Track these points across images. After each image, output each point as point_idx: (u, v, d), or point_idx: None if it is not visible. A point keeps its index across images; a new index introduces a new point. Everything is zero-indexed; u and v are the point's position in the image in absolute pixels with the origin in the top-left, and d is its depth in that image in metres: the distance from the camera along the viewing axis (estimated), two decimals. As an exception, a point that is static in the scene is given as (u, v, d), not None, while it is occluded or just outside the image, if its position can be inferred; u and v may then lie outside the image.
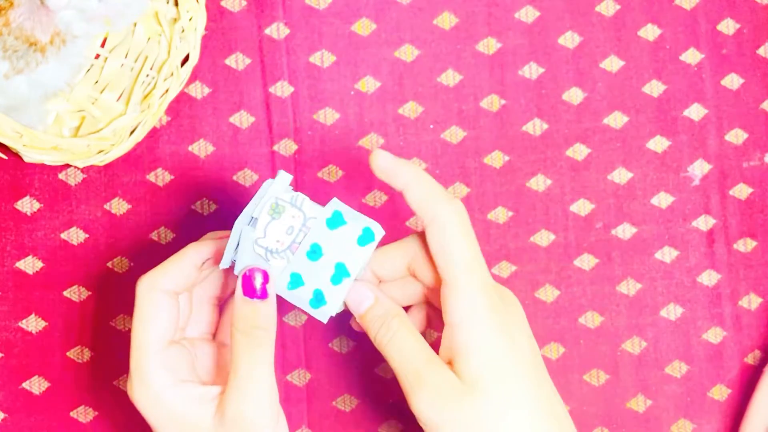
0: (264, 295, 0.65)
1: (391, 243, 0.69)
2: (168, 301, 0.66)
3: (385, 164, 0.67)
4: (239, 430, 0.65)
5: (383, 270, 0.69)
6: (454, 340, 0.65)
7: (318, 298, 0.66)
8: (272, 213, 0.66)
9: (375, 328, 0.67)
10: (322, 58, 0.79)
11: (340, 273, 0.66)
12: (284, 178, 0.67)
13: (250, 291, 0.65)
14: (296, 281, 0.66)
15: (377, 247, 0.67)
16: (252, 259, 0.65)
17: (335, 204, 0.67)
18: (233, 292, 0.69)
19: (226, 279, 0.71)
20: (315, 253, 0.66)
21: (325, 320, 0.67)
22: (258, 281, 0.65)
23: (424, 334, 0.68)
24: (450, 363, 0.65)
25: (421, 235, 0.67)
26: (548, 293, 0.79)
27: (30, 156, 0.75)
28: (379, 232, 0.67)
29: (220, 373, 0.69)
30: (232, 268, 0.67)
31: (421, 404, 0.65)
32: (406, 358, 0.66)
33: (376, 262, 0.68)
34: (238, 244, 0.66)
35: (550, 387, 0.66)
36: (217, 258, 0.67)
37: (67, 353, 0.76)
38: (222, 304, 0.72)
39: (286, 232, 0.66)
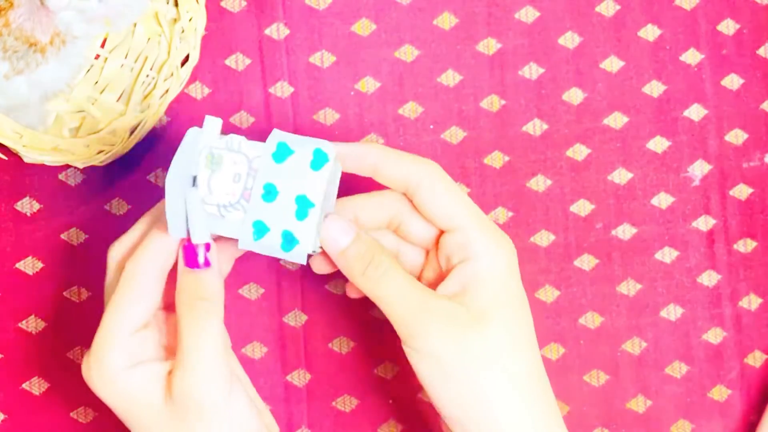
0: (206, 264, 0.62)
1: (372, 193, 0.67)
2: (152, 286, 0.63)
3: (345, 152, 0.64)
4: (187, 408, 0.61)
5: (363, 217, 0.66)
6: (465, 274, 0.64)
7: (288, 240, 0.61)
8: (210, 165, 0.61)
9: (362, 264, 0.63)
10: (322, 59, 0.79)
11: (304, 206, 0.61)
12: (213, 123, 0.62)
13: (191, 261, 0.62)
14: (260, 229, 0.61)
15: (358, 193, 0.65)
16: (206, 220, 0.61)
17: (277, 135, 0.62)
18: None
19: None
20: (270, 193, 0.61)
21: (303, 261, 0.62)
22: (200, 250, 0.61)
23: None
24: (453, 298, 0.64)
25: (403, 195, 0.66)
26: (548, 293, 0.79)
27: (30, 156, 0.75)
28: (331, 150, 0.62)
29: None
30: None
31: (429, 337, 0.63)
32: (405, 293, 0.63)
33: (356, 206, 0.66)
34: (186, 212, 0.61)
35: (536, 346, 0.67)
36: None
37: (67, 354, 0.76)
38: None
39: (233, 181, 0.61)
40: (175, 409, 0.62)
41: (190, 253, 0.62)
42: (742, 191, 0.81)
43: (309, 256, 0.63)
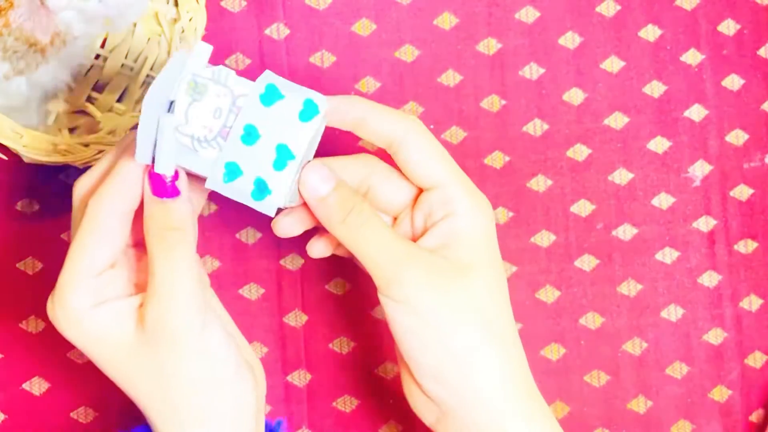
0: (175, 192, 0.59)
1: (345, 156, 0.65)
2: (115, 226, 0.60)
3: (329, 106, 0.61)
4: (160, 339, 0.59)
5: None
6: (447, 229, 0.63)
7: (261, 188, 0.58)
8: (192, 93, 0.57)
9: (343, 212, 0.62)
10: (323, 59, 0.79)
11: (283, 156, 0.58)
12: (203, 49, 0.58)
13: (158, 189, 0.58)
14: (233, 171, 0.58)
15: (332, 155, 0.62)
16: (176, 151, 0.57)
17: (268, 76, 0.59)
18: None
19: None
20: (250, 135, 0.58)
21: (272, 213, 0.59)
22: (168, 177, 0.58)
23: None
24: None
25: (377, 156, 0.66)
26: (549, 294, 0.79)
27: (30, 157, 0.74)
28: (323, 103, 0.59)
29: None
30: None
31: (409, 285, 0.62)
32: (385, 242, 0.62)
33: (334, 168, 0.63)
34: (156, 136, 0.56)
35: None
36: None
37: (68, 354, 0.76)
38: None
39: (213, 116, 0.57)
40: (146, 340, 0.60)
41: (156, 181, 0.58)
42: (742, 192, 0.81)
43: (278, 210, 0.60)
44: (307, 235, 0.67)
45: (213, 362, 0.61)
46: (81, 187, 0.62)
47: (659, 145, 0.80)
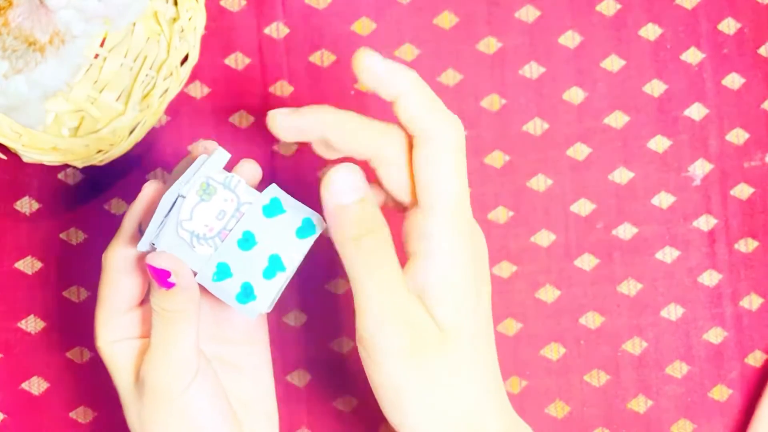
0: (169, 286, 0.60)
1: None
2: (123, 279, 0.64)
3: (375, 66, 0.59)
4: (145, 389, 0.63)
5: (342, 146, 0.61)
6: (428, 276, 0.59)
7: (246, 293, 0.60)
8: (201, 194, 0.60)
9: (359, 229, 0.58)
10: (322, 58, 0.79)
11: (274, 266, 0.60)
12: (221, 157, 0.61)
13: (158, 279, 0.61)
14: (223, 272, 0.60)
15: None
16: (174, 243, 0.60)
17: (274, 190, 0.61)
18: None
19: None
20: (247, 241, 0.60)
21: (253, 317, 0.62)
22: (163, 275, 0.60)
23: None
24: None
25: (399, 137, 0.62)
26: (549, 293, 0.79)
27: (29, 156, 0.74)
28: (320, 224, 0.61)
29: None
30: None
31: (385, 355, 0.59)
32: (382, 290, 0.59)
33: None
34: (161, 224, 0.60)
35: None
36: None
37: (67, 353, 0.76)
38: None
39: (216, 217, 0.60)
40: (138, 386, 0.64)
41: (156, 273, 0.61)
42: (743, 191, 0.81)
43: (259, 314, 0.63)
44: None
45: (191, 423, 0.64)
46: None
47: (659, 144, 0.80)
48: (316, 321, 0.78)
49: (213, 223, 0.60)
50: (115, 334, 0.65)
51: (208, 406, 0.64)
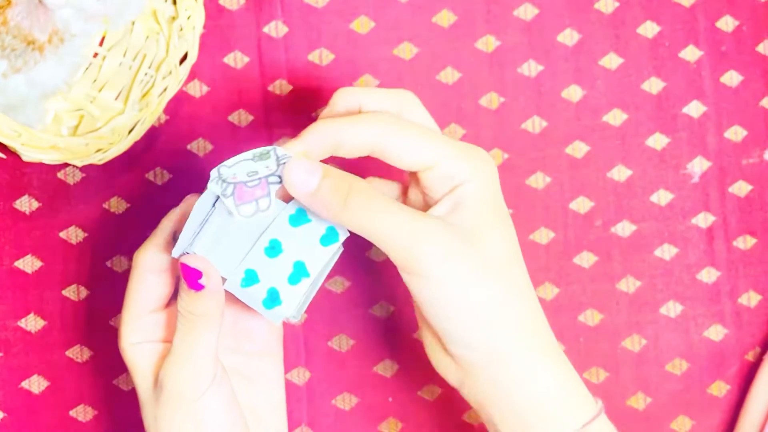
0: (200, 287, 0.63)
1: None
2: (152, 280, 0.66)
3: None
4: (162, 392, 0.65)
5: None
6: (454, 198, 0.63)
7: (272, 298, 0.63)
8: (256, 155, 0.63)
9: (341, 196, 0.61)
10: (321, 57, 0.79)
11: (299, 272, 0.63)
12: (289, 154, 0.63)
13: (189, 282, 0.63)
14: (251, 278, 0.63)
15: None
16: (207, 250, 0.63)
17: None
18: None
19: None
20: (274, 249, 0.63)
21: (278, 322, 0.64)
22: (194, 276, 0.63)
23: None
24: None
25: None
26: (548, 291, 0.79)
27: (28, 155, 0.74)
28: (343, 233, 0.63)
29: None
30: None
31: (427, 260, 0.61)
32: (394, 218, 0.61)
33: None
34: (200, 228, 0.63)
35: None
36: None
37: (66, 352, 0.76)
38: None
39: (247, 174, 0.63)
40: (157, 390, 0.65)
41: (187, 274, 0.63)
42: (741, 188, 0.81)
43: (284, 319, 0.64)
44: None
45: (204, 429, 0.65)
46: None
47: (658, 141, 0.80)
48: (316, 319, 0.78)
49: (241, 176, 0.62)
50: (138, 336, 0.66)
51: (222, 413, 0.65)
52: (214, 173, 0.63)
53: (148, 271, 0.66)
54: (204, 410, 0.65)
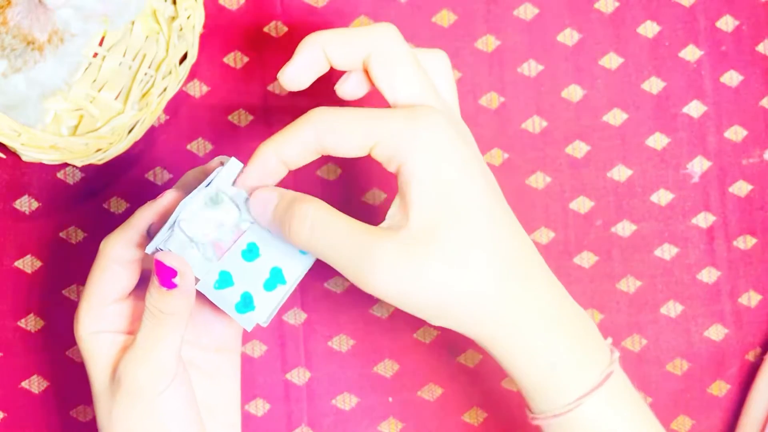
0: (172, 285, 0.62)
1: (343, 29, 0.63)
2: (118, 270, 0.65)
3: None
4: (120, 386, 0.63)
5: (334, 55, 0.62)
6: (401, 187, 0.60)
7: (246, 302, 0.62)
8: (208, 201, 0.62)
9: (287, 219, 0.60)
10: (321, 56, 0.79)
11: (275, 279, 0.62)
12: (234, 167, 0.62)
13: (162, 279, 0.62)
14: (225, 281, 0.62)
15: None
16: (181, 249, 0.62)
17: None
18: None
19: None
20: (251, 252, 0.62)
21: (249, 328, 0.62)
22: (168, 274, 0.62)
23: None
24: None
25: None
26: (548, 291, 0.79)
27: (28, 155, 0.75)
28: None
29: None
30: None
31: (377, 281, 0.59)
32: (342, 237, 0.59)
33: (326, 41, 0.62)
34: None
35: (508, 217, 0.62)
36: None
37: (66, 352, 0.76)
38: None
39: (214, 226, 0.62)
40: (114, 383, 0.64)
41: (161, 271, 0.62)
42: (741, 188, 0.81)
43: (256, 325, 0.63)
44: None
45: (162, 427, 0.64)
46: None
47: (658, 141, 0.80)
48: (316, 319, 0.78)
49: (210, 232, 0.62)
50: (97, 325, 0.65)
51: (180, 411, 0.65)
52: (177, 228, 0.62)
53: (115, 261, 0.64)
54: (162, 408, 0.64)
